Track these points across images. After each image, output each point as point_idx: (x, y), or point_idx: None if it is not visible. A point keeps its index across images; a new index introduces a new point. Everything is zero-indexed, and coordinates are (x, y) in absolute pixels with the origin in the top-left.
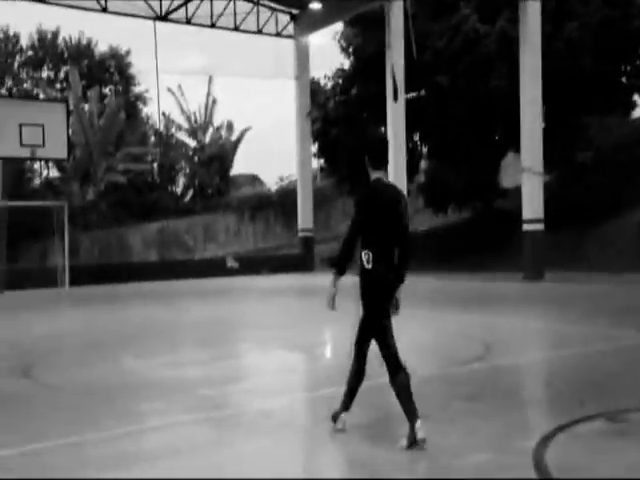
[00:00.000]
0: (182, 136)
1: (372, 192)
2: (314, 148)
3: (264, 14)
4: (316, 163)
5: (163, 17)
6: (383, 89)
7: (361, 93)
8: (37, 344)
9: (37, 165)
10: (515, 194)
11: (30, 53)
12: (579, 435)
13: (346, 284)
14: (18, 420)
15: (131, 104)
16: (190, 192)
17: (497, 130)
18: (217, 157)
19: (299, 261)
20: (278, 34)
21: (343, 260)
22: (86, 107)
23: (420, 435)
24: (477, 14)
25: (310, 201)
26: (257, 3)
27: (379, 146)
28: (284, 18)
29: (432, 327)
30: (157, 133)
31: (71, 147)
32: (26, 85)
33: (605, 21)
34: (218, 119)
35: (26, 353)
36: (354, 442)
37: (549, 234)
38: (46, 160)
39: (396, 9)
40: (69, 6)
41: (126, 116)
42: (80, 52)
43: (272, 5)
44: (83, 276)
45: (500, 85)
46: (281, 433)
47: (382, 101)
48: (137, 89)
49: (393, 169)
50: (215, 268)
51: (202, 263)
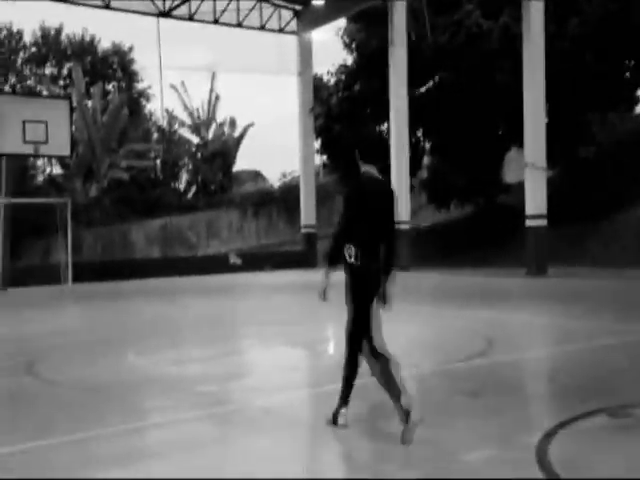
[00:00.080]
0: (185, 132)
1: (361, 186)
2: (317, 144)
3: (267, 10)
4: (319, 159)
5: (166, 13)
6: (386, 85)
7: (364, 89)
8: (40, 341)
9: (40, 162)
10: (518, 189)
11: (33, 50)
12: (582, 430)
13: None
14: (21, 417)
15: (134, 101)
16: (193, 188)
17: (500, 126)
18: (220, 153)
19: (302, 257)
20: (281, 30)
21: (335, 253)
22: (89, 104)
23: (405, 405)
24: (480, 10)
25: (313, 197)
26: None
27: (370, 141)
28: (287, 14)
29: (435, 323)
30: (160, 129)
31: (74, 144)
32: (29, 82)
33: (606, 16)
34: (221, 115)
35: (29, 350)
36: (356, 438)
37: (552, 229)
38: (49, 157)
39: (399, 5)
40: (72, 3)
41: (129, 113)
42: (83, 49)
43: (275, 1)
44: (86, 273)
45: (503, 81)
46: (283, 430)
47: (385, 97)
48: (140, 86)
49: (396, 165)
50: (218, 264)
51: (205, 259)
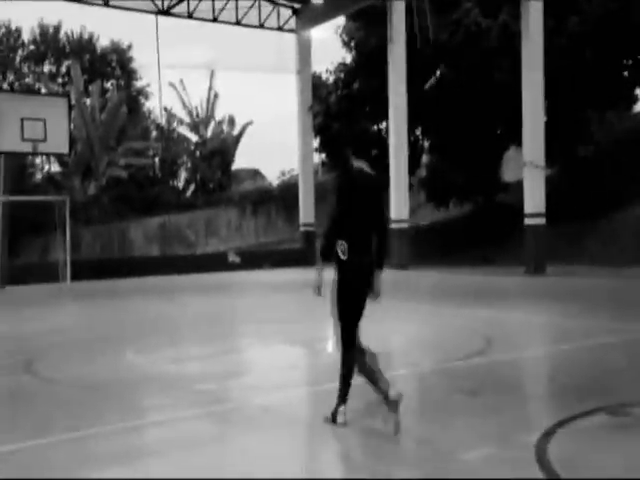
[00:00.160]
0: (184, 131)
1: (351, 180)
2: (316, 142)
3: (266, 8)
4: (318, 158)
5: (165, 11)
6: (385, 83)
7: (363, 87)
8: (39, 339)
9: (39, 160)
10: (517, 188)
11: (32, 47)
12: (581, 429)
13: None
14: (20, 416)
15: (133, 99)
16: (192, 187)
17: (499, 124)
18: (219, 151)
19: (301, 255)
20: (280, 28)
21: (327, 250)
22: (88, 101)
23: (392, 396)
24: (479, 8)
25: (312, 196)
26: None
27: (360, 136)
28: (286, 12)
29: (434, 321)
30: (159, 128)
31: (73, 142)
32: (28, 79)
33: (606, 15)
34: (220, 113)
35: (28, 348)
36: (355, 437)
37: (550, 228)
38: (48, 155)
39: (398, 3)
40: (71, 0)
41: (128, 111)
42: (82, 46)
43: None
44: (85, 271)
45: (502, 79)
46: (282, 428)
47: (384, 95)
48: (139, 84)
49: (394, 163)
50: (217, 263)
51: (203, 258)
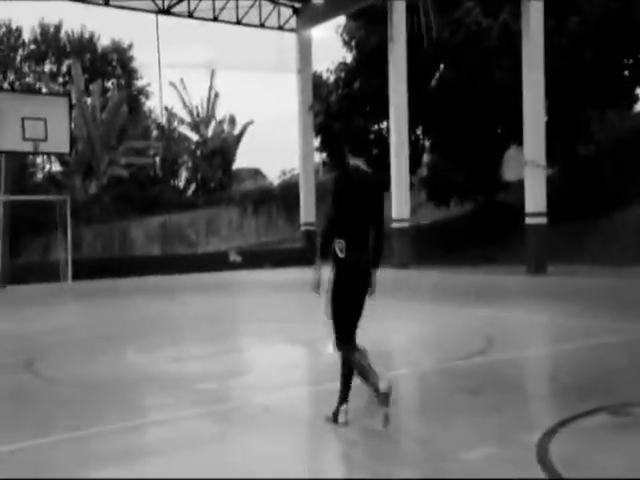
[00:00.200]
0: (184, 130)
1: (348, 178)
2: (316, 142)
3: (266, 8)
4: (318, 157)
5: (165, 11)
6: (385, 83)
7: (363, 87)
8: (40, 339)
9: (40, 159)
10: (517, 187)
11: (32, 47)
12: (583, 429)
13: None
14: (21, 415)
15: (133, 98)
16: (193, 186)
17: (499, 124)
18: (219, 151)
19: (301, 255)
20: (280, 28)
21: (325, 248)
22: (88, 101)
23: (383, 388)
24: (480, 7)
25: (312, 195)
26: None
27: (357, 135)
28: (286, 11)
29: (435, 321)
30: (159, 127)
31: (73, 141)
32: (28, 79)
33: (607, 14)
34: (220, 113)
35: (29, 348)
36: (356, 437)
37: (551, 227)
38: (49, 154)
39: (398, 3)
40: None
41: (128, 110)
42: (82, 46)
43: None
44: (86, 270)
45: (503, 78)
46: (283, 428)
47: (385, 95)
48: (139, 83)
49: (395, 163)
50: (218, 262)
51: (204, 257)
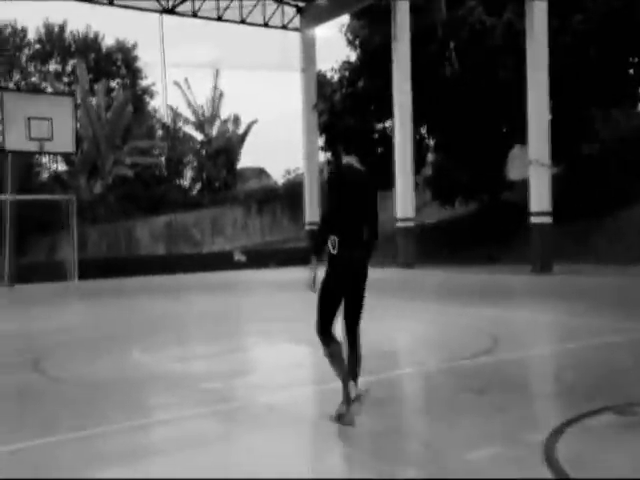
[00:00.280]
0: (189, 129)
1: (340, 176)
2: (321, 141)
3: (270, 7)
4: (323, 156)
5: (169, 10)
6: (389, 82)
7: (368, 86)
8: (46, 338)
9: (45, 159)
10: (522, 187)
11: (38, 47)
12: (589, 428)
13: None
14: (27, 415)
15: (138, 97)
16: (197, 185)
17: (504, 122)
18: (224, 150)
19: (306, 254)
20: (284, 27)
21: (319, 245)
22: (93, 101)
23: (354, 393)
24: (482, 6)
25: (317, 194)
26: None
27: (349, 132)
28: (290, 11)
29: (440, 320)
30: (164, 126)
31: (78, 141)
32: (34, 79)
33: (610, 12)
34: (225, 112)
35: (35, 347)
36: (360, 436)
37: (556, 226)
38: (54, 154)
39: (402, 2)
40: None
41: (133, 110)
42: (87, 46)
43: None
44: (91, 269)
45: (507, 77)
46: (288, 427)
47: (389, 94)
48: (144, 82)
49: (400, 162)
50: (222, 261)
51: (209, 257)
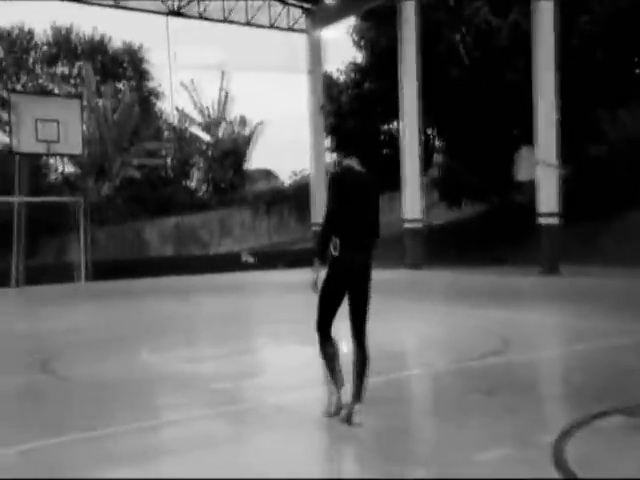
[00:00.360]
0: (196, 131)
1: (339, 179)
2: (328, 142)
3: (276, 8)
4: (330, 157)
5: (175, 12)
6: (396, 83)
7: (374, 87)
8: (55, 338)
9: (53, 160)
10: (530, 188)
11: (45, 49)
12: (598, 430)
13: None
14: (36, 415)
15: (145, 99)
16: (205, 187)
17: (511, 124)
18: (231, 152)
19: (313, 255)
20: (290, 28)
21: (322, 247)
22: (100, 102)
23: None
24: (488, 7)
25: (324, 195)
26: None
27: (352, 135)
28: (296, 12)
29: (448, 321)
30: (171, 128)
31: (86, 142)
32: (41, 81)
33: (617, 12)
34: (232, 113)
35: (45, 347)
36: (369, 436)
37: (564, 228)
38: (62, 155)
39: (408, 3)
40: (84, 2)
41: (140, 111)
42: (94, 48)
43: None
44: (100, 271)
45: (514, 78)
46: (296, 428)
47: (395, 95)
48: (150, 84)
49: (407, 163)
50: (230, 263)
51: (218, 258)
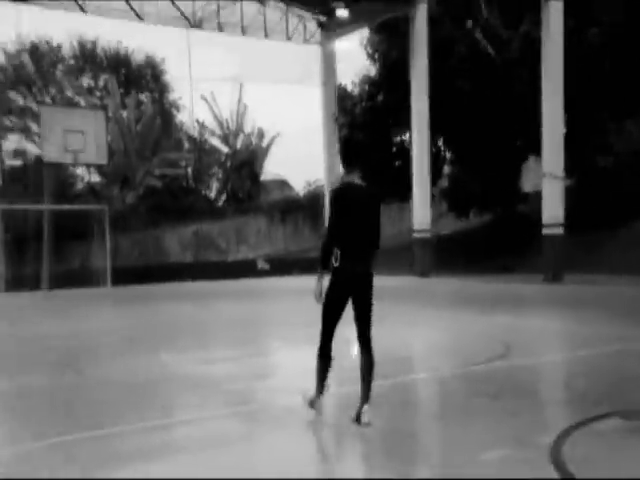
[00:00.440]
0: (215, 142)
1: (338, 193)
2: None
3: (292, 21)
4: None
5: (195, 26)
6: (408, 95)
7: (387, 99)
8: (79, 340)
9: (79, 170)
10: (536, 198)
11: (72, 62)
12: (595, 432)
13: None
14: (53, 412)
15: (166, 111)
16: (223, 196)
17: (518, 135)
18: (248, 162)
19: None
20: (306, 41)
21: (324, 258)
22: (124, 114)
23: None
24: (500, 20)
25: None
26: (287, 11)
27: (346, 149)
28: (311, 25)
29: (454, 327)
30: (191, 139)
31: (111, 153)
32: (68, 93)
33: (625, 22)
34: (249, 125)
35: (68, 348)
36: (377, 436)
37: (569, 237)
38: (87, 165)
39: (420, 16)
40: (108, 16)
41: (161, 123)
42: (118, 61)
43: (301, 13)
44: (123, 276)
45: (522, 90)
46: (307, 428)
47: (406, 106)
48: (171, 96)
49: (417, 174)
50: (246, 269)
51: (234, 265)
